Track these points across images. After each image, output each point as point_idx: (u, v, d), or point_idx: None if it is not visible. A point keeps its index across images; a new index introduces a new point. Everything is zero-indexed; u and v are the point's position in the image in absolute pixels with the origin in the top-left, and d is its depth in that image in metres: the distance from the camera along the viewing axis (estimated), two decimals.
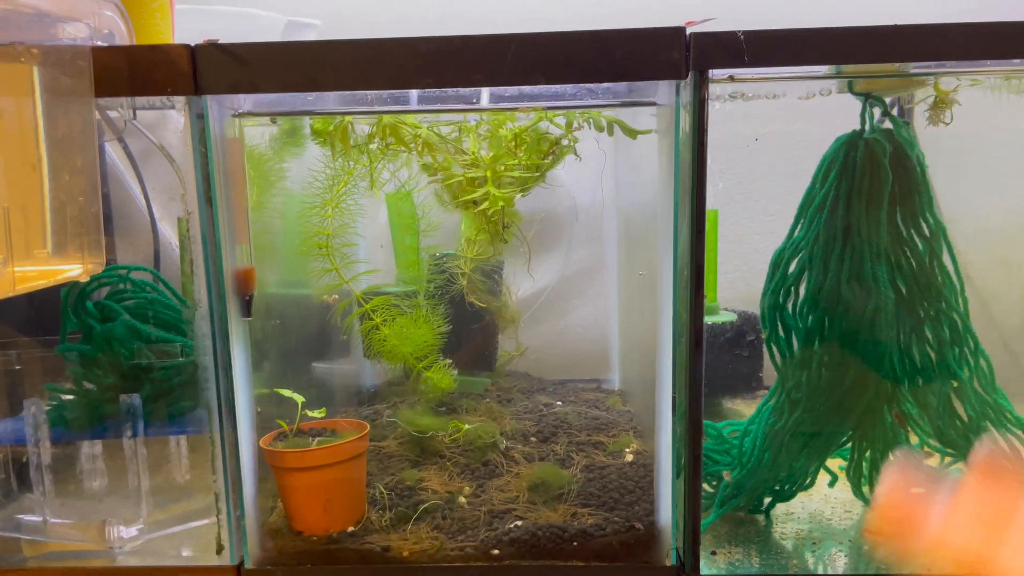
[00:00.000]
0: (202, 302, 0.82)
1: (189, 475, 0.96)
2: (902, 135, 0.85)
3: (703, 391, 0.83)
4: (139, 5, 0.94)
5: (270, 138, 1.12)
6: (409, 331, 1.04)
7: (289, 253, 1.08)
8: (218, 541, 0.87)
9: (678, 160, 0.82)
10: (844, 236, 0.86)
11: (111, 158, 1.33)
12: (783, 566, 0.89)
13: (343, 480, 0.88)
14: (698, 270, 0.80)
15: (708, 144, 0.79)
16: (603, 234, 1.46)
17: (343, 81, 0.77)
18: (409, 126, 0.93)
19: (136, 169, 1.28)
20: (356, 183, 1.03)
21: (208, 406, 0.84)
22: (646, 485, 0.93)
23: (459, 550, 0.86)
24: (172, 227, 1.33)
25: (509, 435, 1.04)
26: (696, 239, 0.81)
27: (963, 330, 0.90)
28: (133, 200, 1.34)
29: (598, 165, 1.41)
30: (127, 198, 1.35)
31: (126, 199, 1.35)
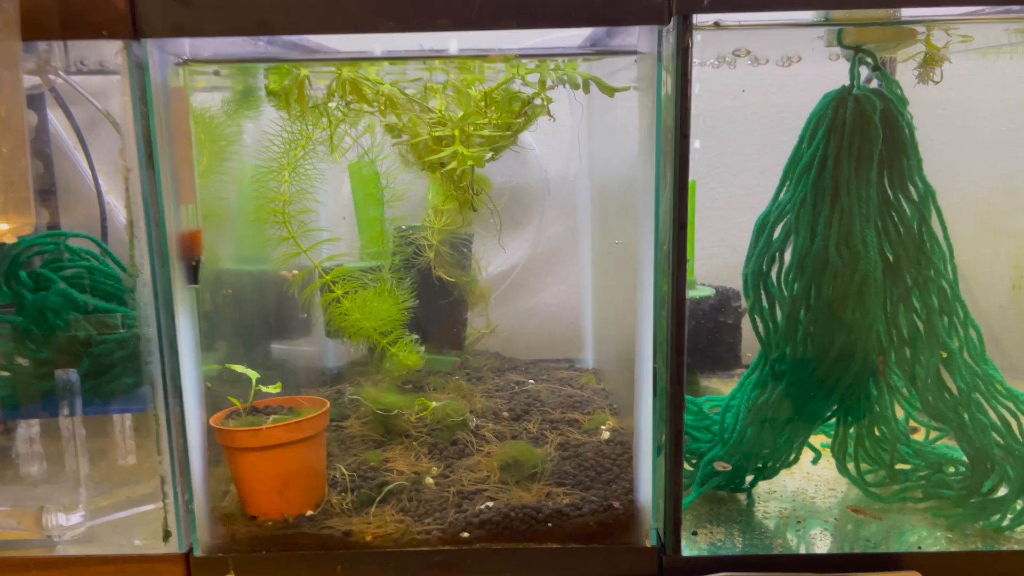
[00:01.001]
0: (144, 267, 0.75)
1: (135, 457, 0.89)
2: (893, 92, 0.81)
3: (685, 365, 0.79)
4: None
5: (223, 101, 1.05)
6: (372, 305, 0.98)
7: (245, 222, 1.01)
8: (164, 527, 0.80)
9: (660, 115, 0.76)
10: (832, 198, 0.81)
11: (55, 128, 1.25)
12: (766, 546, 0.85)
13: (300, 461, 0.82)
14: (681, 230, 0.75)
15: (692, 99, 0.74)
16: (577, 207, 1.41)
17: (296, 25, 0.71)
18: (371, 82, 0.86)
19: (81, 138, 1.21)
20: (315, 147, 0.97)
21: (152, 381, 0.77)
22: (624, 463, 0.88)
23: (426, 533, 0.81)
24: (121, 200, 1.26)
25: (479, 413, 0.99)
26: (679, 198, 0.76)
27: (952, 298, 0.87)
28: (80, 172, 1.27)
29: (571, 136, 1.36)
30: (73, 170, 1.27)
31: (72, 171, 1.27)
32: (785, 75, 1.12)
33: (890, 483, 0.93)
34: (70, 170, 1.27)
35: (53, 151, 1.25)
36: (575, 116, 1.31)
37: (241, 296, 1.07)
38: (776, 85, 1.35)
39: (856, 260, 0.82)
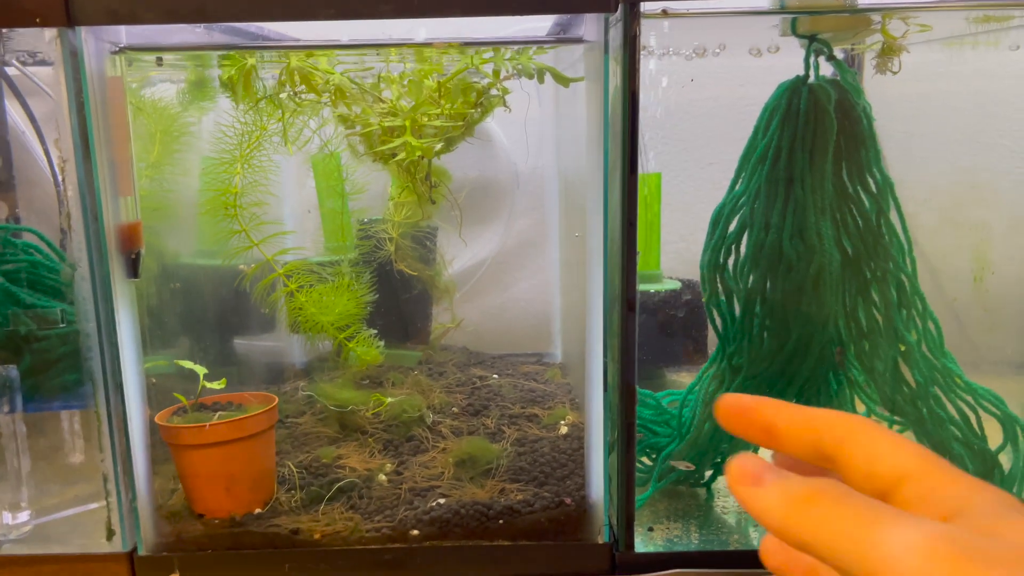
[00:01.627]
0: (82, 261, 0.73)
1: (81, 455, 0.87)
2: (848, 82, 0.80)
3: (636, 358, 0.78)
4: None
5: (177, 92, 1.03)
6: (329, 299, 0.96)
7: (198, 216, 0.99)
8: (108, 526, 0.79)
9: (607, 106, 0.75)
10: (787, 189, 0.80)
11: (13, 120, 1.23)
12: (723, 541, 0.84)
13: (248, 458, 0.80)
14: (630, 225, 0.74)
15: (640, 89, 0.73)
16: (544, 202, 1.40)
17: (234, 11, 0.69)
18: (321, 71, 0.85)
19: (38, 130, 1.18)
20: (269, 139, 0.95)
21: (92, 377, 0.75)
22: (580, 459, 0.87)
23: (376, 531, 0.79)
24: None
25: (437, 409, 0.98)
26: (628, 191, 0.74)
27: (911, 291, 0.86)
28: (39, 164, 1.24)
29: (540, 129, 1.34)
30: (34, 163, 1.25)
31: (33, 164, 1.25)
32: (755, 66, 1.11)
33: None
34: (31, 163, 1.25)
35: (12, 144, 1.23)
36: (543, 109, 1.30)
37: (197, 291, 1.05)
38: (745, 77, 1.34)
39: (811, 253, 0.81)
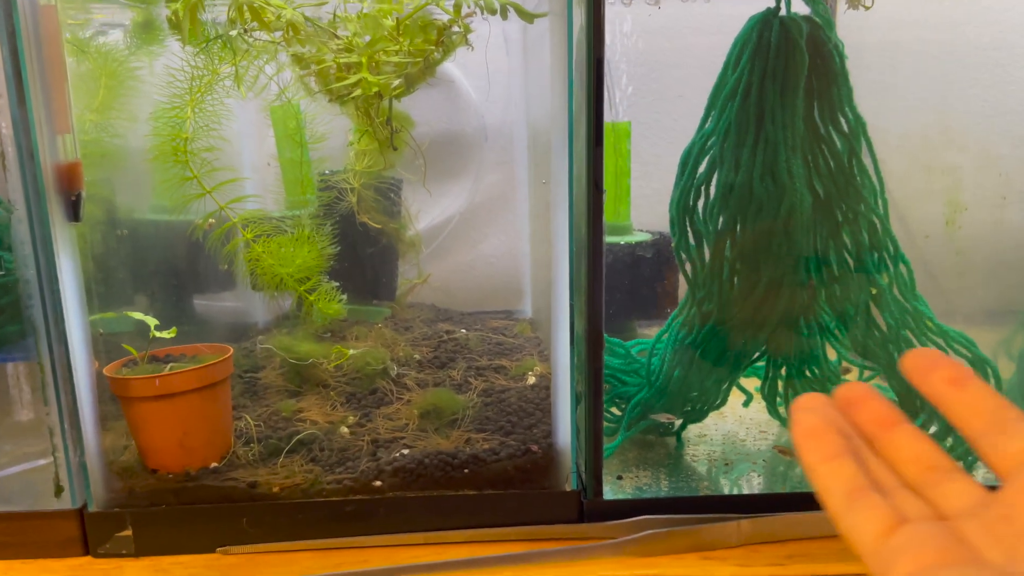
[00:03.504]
0: (18, 203, 0.69)
1: (29, 409, 0.84)
2: (820, 15, 0.78)
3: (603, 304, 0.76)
4: None
5: (125, 33, 0.98)
6: (287, 251, 0.93)
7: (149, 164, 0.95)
8: (56, 482, 0.76)
9: (571, 43, 0.72)
10: (757, 126, 0.78)
11: None
12: (692, 488, 0.83)
13: (202, 410, 0.77)
14: (596, 168, 0.72)
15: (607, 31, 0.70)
16: (515, 156, 1.37)
17: None
18: (273, 7, 0.80)
19: None
20: (221, 82, 0.90)
21: (34, 327, 0.72)
22: (547, 407, 0.85)
23: (337, 483, 0.77)
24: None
25: (402, 362, 0.95)
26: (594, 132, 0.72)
27: (883, 233, 0.84)
28: None
29: (508, 80, 1.31)
30: None
31: None
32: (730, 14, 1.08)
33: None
34: None
35: None
36: (511, 60, 1.26)
37: (150, 246, 1.01)
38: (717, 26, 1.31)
39: (782, 192, 0.79)
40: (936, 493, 0.35)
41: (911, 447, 0.37)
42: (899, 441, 0.38)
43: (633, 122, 1.30)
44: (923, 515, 0.34)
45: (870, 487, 0.34)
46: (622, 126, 1.14)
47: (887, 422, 0.38)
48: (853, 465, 0.36)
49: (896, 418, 0.38)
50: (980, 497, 0.34)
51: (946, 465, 0.36)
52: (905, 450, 0.37)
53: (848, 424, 0.39)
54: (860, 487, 0.34)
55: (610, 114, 1.17)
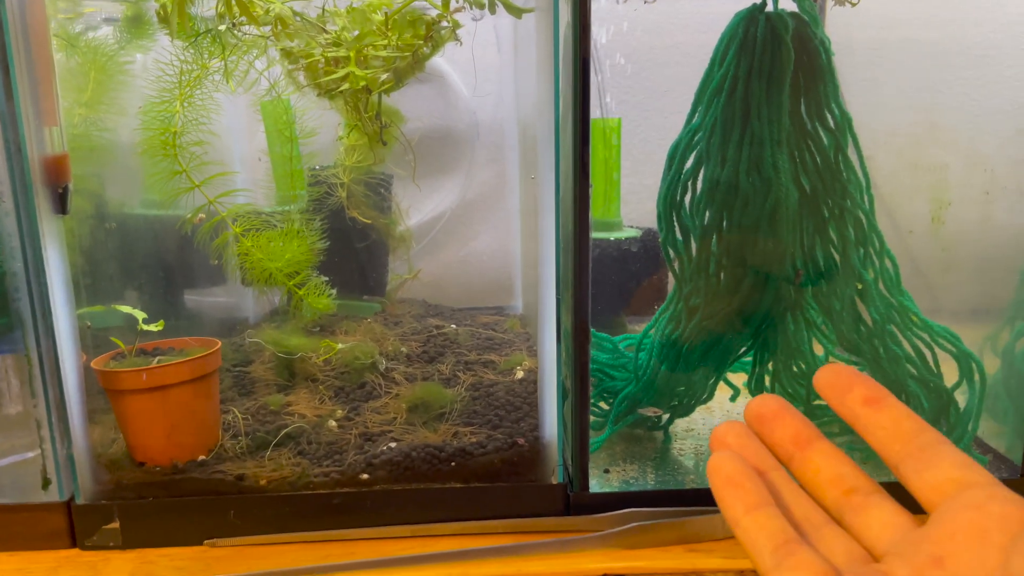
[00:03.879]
0: (5, 195, 0.69)
1: (17, 402, 0.84)
2: (805, 11, 0.78)
3: (590, 299, 0.76)
4: None
5: (114, 27, 0.98)
6: (277, 245, 0.93)
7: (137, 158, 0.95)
8: (43, 474, 0.76)
9: (557, 38, 0.73)
10: (743, 122, 0.78)
11: None
12: (678, 482, 0.83)
13: (189, 403, 0.78)
14: (583, 165, 0.72)
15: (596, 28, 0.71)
16: (506, 153, 1.37)
17: None
18: (261, 1, 0.81)
19: None
20: (210, 76, 0.91)
21: (20, 319, 0.72)
22: (534, 401, 0.85)
23: (324, 476, 0.77)
24: None
25: (391, 356, 0.95)
26: (580, 127, 0.72)
27: (868, 229, 0.85)
28: None
29: (498, 76, 1.31)
30: None
31: None
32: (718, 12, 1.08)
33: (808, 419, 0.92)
34: None
35: None
36: (502, 57, 1.26)
37: (140, 241, 1.01)
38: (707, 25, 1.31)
39: (767, 187, 0.79)
40: (860, 522, 0.35)
41: (829, 467, 0.37)
42: (816, 461, 0.37)
43: (624, 119, 1.30)
44: (853, 558, 0.34)
45: (796, 540, 0.34)
46: (612, 122, 1.15)
47: (802, 440, 0.38)
48: (777, 516, 0.35)
49: (811, 435, 0.38)
50: (905, 527, 0.34)
51: (865, 487, 0.36)
52: (823, 471, 0.37)
53: (763, 447, 0.38)
54: (786, 540, 0.34)
55: (600, 110, 1.17)
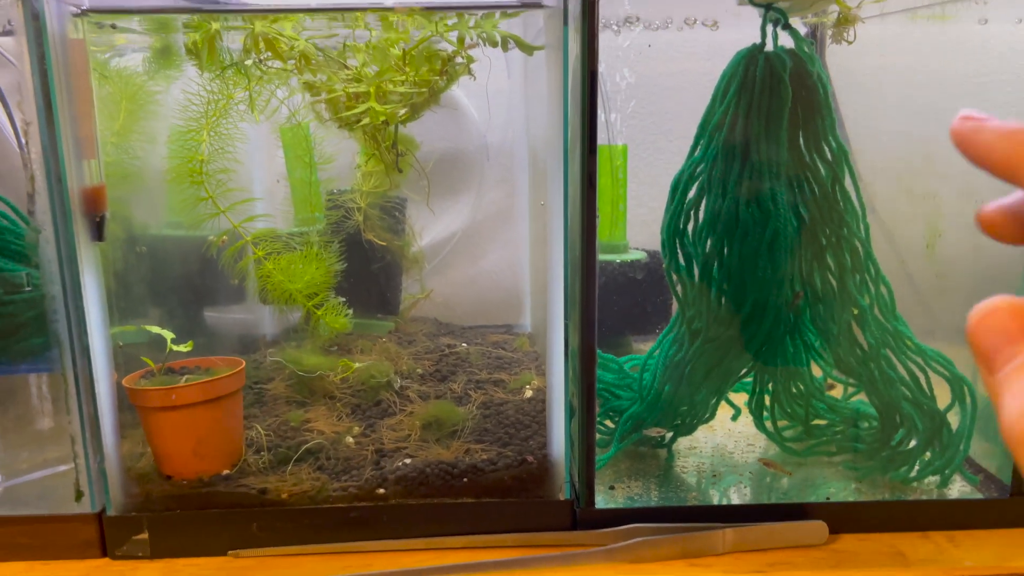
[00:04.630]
0: (46, 224, 0.74)
1: (50, 418, 0.88)
2: (803, 51, 0.82)
3: (596, 321, 0.80)
4: None
5: (143, 59, 1.03)
6: (297, 267, 0.97)
7: (167, 184, 0.99)
8: (76, 487, 0.80)
9: (567, 75, 0.77)
10: (743, 156, 0.82)
11: None
12: (681, 498, 0.86)
13: (215, 420, 0.82)
14: (589, 193, 0.76)
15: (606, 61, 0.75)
16: (515, 174, 1.41)
17: None
18: (286, 38, 0.85)
19: (1, 98, 1.18)
20: (235, 106, 0.95)
21: (58, 340, 0.76)
22: (543, 420, 0.89)
23: (342, 490, 0.81)
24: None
25: (405, 375, 0.99)
26: (587, 158, 0.76)
27: (864, 256, 0.88)
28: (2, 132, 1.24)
29: (509, 100, 1.35)
30: None
31: None
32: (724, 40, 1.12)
33: (806, 438, 0.95)
34: None
35: None
36: (512, 81, 1.30)
37: (166, 261, 1.06)
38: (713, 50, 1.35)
39: (766, 218, 0.83)
40: None
41: None
42: None
43: (631, 144, 1.35)
44: None
45: None
46: (619, 149, 1.19)
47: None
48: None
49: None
50: None
51: None
52: None
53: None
54: None
55: (607, 137, 1.21)
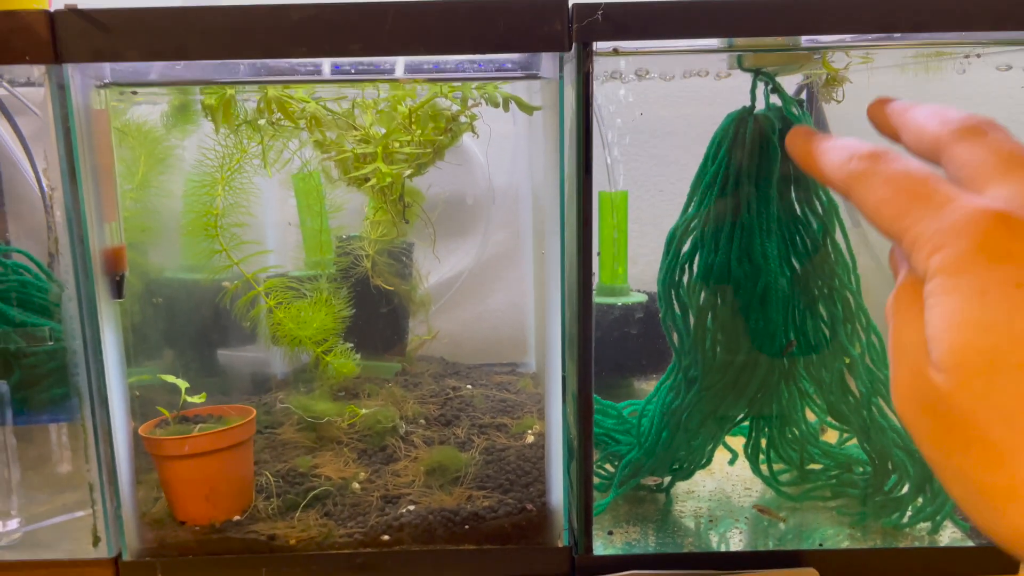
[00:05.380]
0: (69, 283, 0.78)
1: (69, 465, 0.92)
2: (791, 112, 0.85)
3: (592, 371, 0.83)
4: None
5: (161, 115, 1.08)
6: (307, 315, 1.01)
7: (182, 234, 1.04)
8: (94, 533, 0.83)
9: (563, 137, 0.80)
10: (734, 213, 0.86)
11: (2, 138, 1.27)
12: (678, 544, 0.89)
13: (227, 468, 0.85)
14: (585, 248, 0.79)
15: (595, 121, 0.78)
16: (520, 216, 1.45)
17: (212, 50, 0.74)
18: (297, 100, 0.89)
19: (26, 147, 1.23)
20: (250, 161, 0.99)
21: (79, 392, 0.80)
22: (543, 466, 0.91)
23: (348, 536, 0.84)
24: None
25: (410, 419, 1.02)
26: (583, 215, 0.79)
27: (855, 307, 0.91)
28: (27, 180, 1.29)
29: (514, 146, 1.39)
30: (22, 179, 1.29)
31: (21, 180, 1.29)
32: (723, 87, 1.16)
33: (801, 483, 0.97)
34: (20, 179, 1.29)
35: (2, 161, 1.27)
36: (517, 127, 1.35)
37: (180, 306, 1.09)
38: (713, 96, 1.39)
39: (757, 272, 0.86)
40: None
41: None
42: None
43: (633, 186, 1.38)
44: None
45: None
46: (619, 195, 1.22)
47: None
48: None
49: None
50: None
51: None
52: None
53: None
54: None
55: (608, 184, 1.25)
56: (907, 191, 0.35)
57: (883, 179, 0.36)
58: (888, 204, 0.35)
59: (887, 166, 0.37)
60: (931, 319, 0.31)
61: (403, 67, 0.85)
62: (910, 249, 0.34)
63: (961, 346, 0.30)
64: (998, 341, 0.29)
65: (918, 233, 0.33)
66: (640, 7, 0.73)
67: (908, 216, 0.34)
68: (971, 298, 0.30)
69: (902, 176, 0.36)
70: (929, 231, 0.33)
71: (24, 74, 0.93)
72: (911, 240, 0.34)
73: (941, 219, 0.33)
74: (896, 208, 0.35)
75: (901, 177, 0.36)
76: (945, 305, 0.31)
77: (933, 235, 0.33)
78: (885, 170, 0.36)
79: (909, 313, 0.34)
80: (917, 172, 0.35)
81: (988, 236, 0.31)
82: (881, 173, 0.36)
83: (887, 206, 0.36)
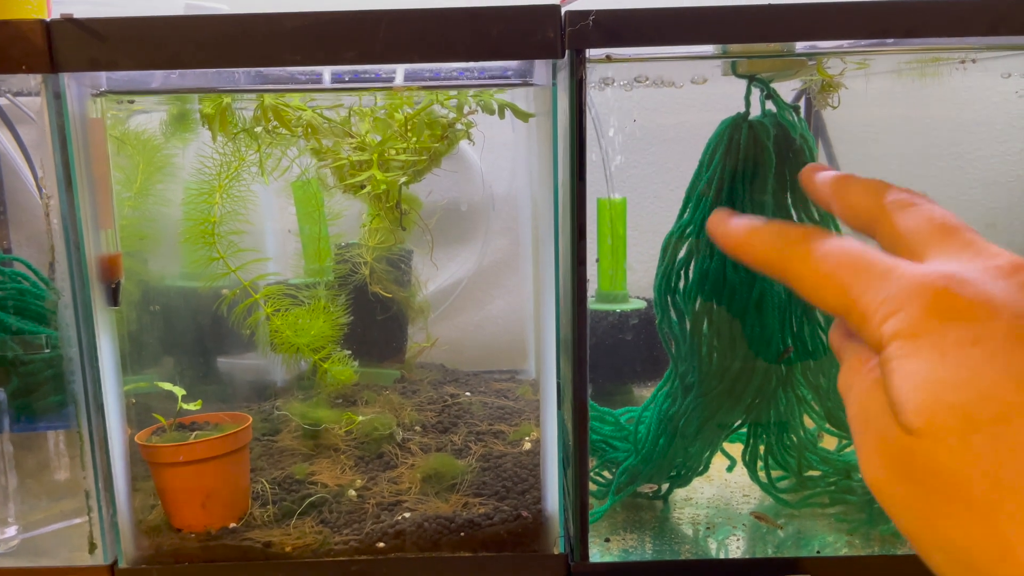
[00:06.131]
0: (65, 290, 0.78)
1: (66, 472, 0.92)
2: (785, 118, 0.85)
3: (587, 378, 0.82)
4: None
5: (160, 123, 1.08)
6: (304, 322, 1.01)
7: (180, 242, 1.04)
8: (90, 540, 0.83)
9: (556, 144, 0.80)
10: None
11: (3, 147, 1.28)
12: (675, 551, 0.88)
13: (222, 475, 0.85)
14: (579, 257, 0.79)
15: (594, 127, 0.78)
16: (519, 222, 1.45)
17: (206, 58, 0.74)
18: (293, 108, 0.90)
19: (27, 155, 1.24)
20: (247, 169, 1.00)
21: (75, 399, 0.80)
22: (539, 474, 0.91)
23: (344, 544, 0.84)
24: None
25: (408, 426, 1.02)
26: (577, 222, 0.79)
27: None
28: (29, 191, 1.29)
29: (514, 153, 1.40)
30: (23, 187, 1.30)
31: (21, 188, 1.30)
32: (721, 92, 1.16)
33: (799, 490, 0.97)
34: (20, 187, 1.30)
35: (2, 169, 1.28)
36: (516, 133, 1.35)
37: (178, 313, 1.10)
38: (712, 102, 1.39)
39: (752, 279, 0.86)
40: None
41: None
42: None
43: (632, 192, 1.38)
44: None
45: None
46: (618, 202, 1.22)
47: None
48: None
49: None
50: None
51: None
52: None
53: None
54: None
55: (607, 191, 1.25)
56: (847, 266, 0.36)
57: (820, 257, 0.37)
58: (830, 280, 0.36)
59: (821, 245, 0.37)
60: (895, 382, 0.31)
61: (403, 75, 0.86)
62: (860, 321, 0.34)
63: (931, 404, 0.30)
64: (968, 398, 0.29)
65: (867, 303, 0.34)
66: (633, 14, 0.73)
67: (853, 289, 0.35)
68: (931, 359, 0.30)
69: (839, 252, 0.36)
70: (877, 300, 0.33)
71: (23, 85, 0.94)
72: (860, 312, 0.34)
73: (888, 287, 0.33)
74: (839, 283, 0.36)
75: (838, 253, 0.36)
76: (907, 367, 0.31)
77: (883, 303, 0.33)
78: (820, 248, 0.37)
79: (866, 383, 0.34)
80: (852, 247, 0.36)
81: (938, 298, 0.31)
82: (816, 252, 0.37)
83: (829, 282, 0.36)
